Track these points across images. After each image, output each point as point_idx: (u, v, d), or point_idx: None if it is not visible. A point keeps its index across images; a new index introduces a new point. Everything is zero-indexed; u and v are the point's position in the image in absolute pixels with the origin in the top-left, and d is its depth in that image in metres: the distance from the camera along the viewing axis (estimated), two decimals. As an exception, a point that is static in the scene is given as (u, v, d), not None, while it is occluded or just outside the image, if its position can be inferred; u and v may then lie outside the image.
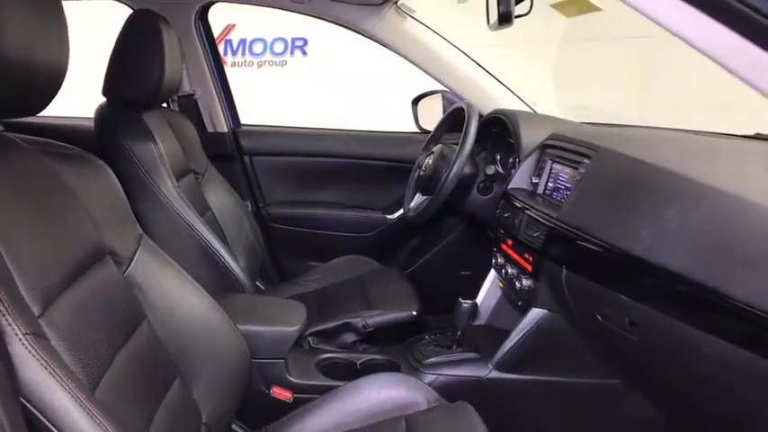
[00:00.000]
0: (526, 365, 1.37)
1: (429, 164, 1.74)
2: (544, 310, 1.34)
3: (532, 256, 1.36)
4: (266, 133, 2.28)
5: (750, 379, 0.85)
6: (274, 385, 1.36)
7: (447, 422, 1.17)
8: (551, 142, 1.49)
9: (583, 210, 1.24)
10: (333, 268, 2.09)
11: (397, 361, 1.47)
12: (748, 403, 0.91)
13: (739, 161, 1.13)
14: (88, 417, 0.66)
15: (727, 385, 0.92)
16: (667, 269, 0.93)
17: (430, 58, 1.97)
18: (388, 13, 1.89)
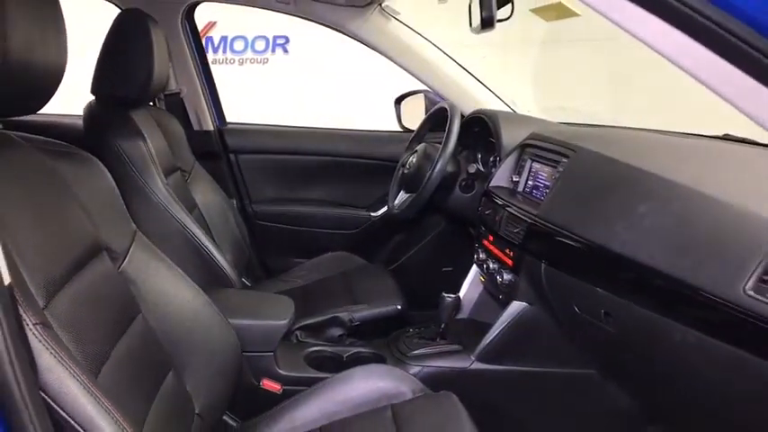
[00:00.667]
0: (507, 356, 1.43)
1: (413, 162, 1.78)
2: (524, 303, 1.40)
3: (513, 252, 1.41)
4: (252, 131, 2.30)
5: (718, 365, 0.91)
6: (264, 377, 1.39)
7: (431, 410, 1.22)
8: (531, 142, 1.54)
9: (561, 207, 1.30)
10: (318, 265, 2.12)
11: (383, 354, 1.51)
12: (717, 389, 0.97)
13: (707, 161, 1.20)
14: (96, 403, 0.69)
15: (697, 372, 0.98)
16: (640, 263, 0.99)
17: (413, 58, 2.02)
18: (372, 14, 1.93)
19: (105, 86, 1.54)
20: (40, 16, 0.84)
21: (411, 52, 2.01)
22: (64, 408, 0.67)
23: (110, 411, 0.70)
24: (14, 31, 0.75)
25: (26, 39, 0.79)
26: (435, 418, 1.19)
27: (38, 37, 0.83)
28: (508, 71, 2.46)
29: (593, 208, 1.17)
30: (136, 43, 1.51)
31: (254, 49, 5.50)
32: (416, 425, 1.17)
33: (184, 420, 1.10)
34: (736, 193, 0.95)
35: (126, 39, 1.51)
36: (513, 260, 1.41)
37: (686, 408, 1.15)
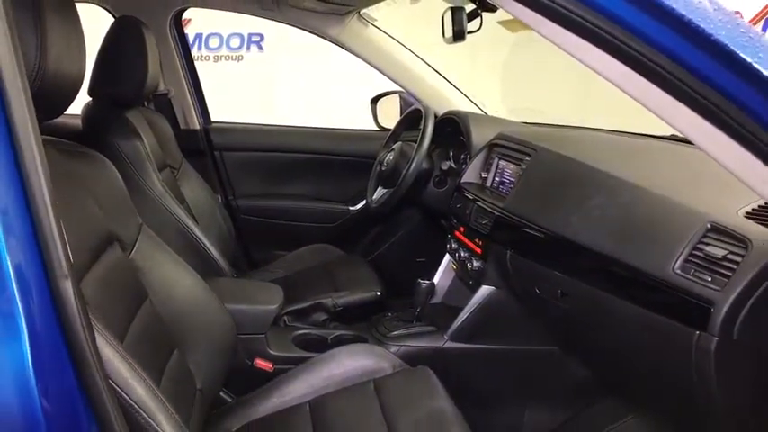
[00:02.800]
0: (477, 336, 1.57)
1: (390, 160, 1.92)
2: (492, 287, 1.55)
3: (481, 241, 1.56)
4: (235, 130, 2.41)
5: (653, 335, 1.07)
6: (256, 357, 1.52)
7: (410, 383, 1.36)
8: (498, 141, 1.69)
9: (524, 200, 1.45)
10: (299, 256, 2.24)
11: (364, 335, 1.65)
12: (653, 357, 1.13)
13: (651, 159, 1.37)
14: (146, 384, 0.79)
15: (636, 342, 1.15)
16: (591, 248, 1.15)
17: (389, 62, 2.15)
18: (351, 21, 2.06)
19: (102, 88, 1.63)
20: (67, 31, 0.94)
21: (387, 56, 2.15)
22: (123, 388, 0.77)
23: (157, 395, 0.80)
24: (51, 45, 0.86)
25: (58, 52, 0.90)
26: (413, 389, 1.34)
27: (66, 50, 0.94)
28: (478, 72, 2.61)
29: (552, 201, 1.33)
30: (131, 49, 1.61)
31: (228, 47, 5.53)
32: (396, 396, 1.31)
33: (188, 394, 1.22)
34: (670, 187, 1.11)
35: (122, 44, 1.61)
36: (481, 249, 1.56)
37: (630, 376, 1.32)
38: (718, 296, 0.90)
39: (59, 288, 0.59)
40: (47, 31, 0.85)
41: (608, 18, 0.70)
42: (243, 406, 1.37)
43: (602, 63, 0.75)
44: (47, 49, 0.84)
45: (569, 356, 1.55)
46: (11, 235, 0.56)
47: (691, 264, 0.97)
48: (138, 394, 0.78)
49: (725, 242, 0.94)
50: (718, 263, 0.92)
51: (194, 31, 5.27)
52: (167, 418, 0.81)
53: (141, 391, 0.79)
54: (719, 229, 0.95)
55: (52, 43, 0.88)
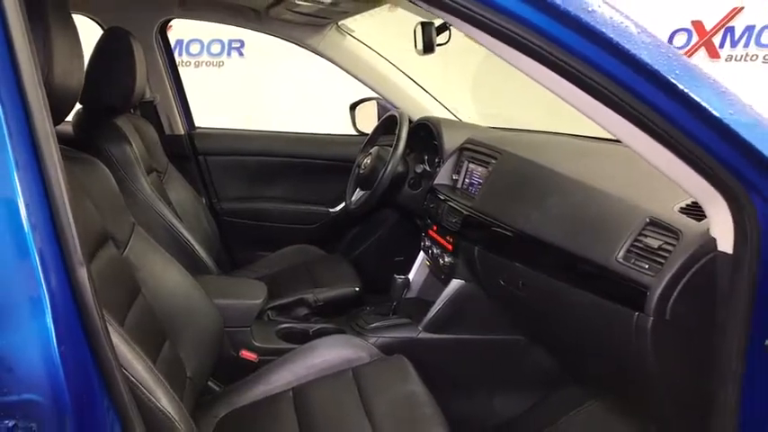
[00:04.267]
0: (448, 326, 1.69)
1: (367, 163, 2.03)
2: (462, 281, 1.66)
3: (452, 238, 1.68)
4: (219, 135, 2.50)
5: (602, 318, 1.19)
6: (242, 349, 1.61)
7: (386, 371, 1.46)
8: (468, 145, 1.81)
9: (490, 200, 1.57)
10: (281, 257, 2.34)
11: (344, 328, 1.75)
12: (603, 339, 1.25)
13: (603, 160, 1.50)
14: (151, 370, 0.89)
15: (588, 326, 1.27)
16: (547, 242, 1.27)
17: (366, 70, 2.26)
18: (330, 31, 2.16)
19: (92, 96, 1.71)
20: (70, 45, 1.04)
21: (364, 64, 2.25)
22: (126, 367, 0.84)
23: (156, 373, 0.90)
24: (56, 60, 0.96)
25: (63, 65, 0.99)
26: (388, 376, 1.44)
27: (69, 63, 1.03)
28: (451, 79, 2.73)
29: (514, 200, 1.45)
30: (120, 58, 1.69)
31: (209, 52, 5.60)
32: (373, 382, 1.41)
33: (179, 382, 1.31)
34: (617, 186, 1.24)
35: (112, 54, 1.69)
36: (452, 245, 1.67)
37: (584, 359, 1.44)
38: (652, 281, 1.02)
39: (76, 274, 0.68)
40: (53, 47, 0.94)
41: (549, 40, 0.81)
42: (230, 394, 1.46)
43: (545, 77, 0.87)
44: (53, 63, 0.94)
45: (534, 345, 1.67)
46: (35, 228, 0.66)
47: (631, 253, 1.09)
48: (139, 372, 0.87)
49: (660, 234, 1.06)
50: (654, 252, 1.05)
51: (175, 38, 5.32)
52: (165, 394, 0.91)
53: (142, 369, 0.89)
54: (656, 223, 1.08)
55: (58, 57, 0.97)
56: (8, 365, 0.63)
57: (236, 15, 2.09)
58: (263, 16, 2.01)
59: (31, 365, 0.63)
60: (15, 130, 0.66)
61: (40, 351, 0.64)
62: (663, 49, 0.83)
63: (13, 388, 0.62)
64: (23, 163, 0.66)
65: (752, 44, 3.14)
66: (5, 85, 0.66)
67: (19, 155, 0.66)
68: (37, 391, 0.63)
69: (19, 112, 0.67)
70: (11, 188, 0.65)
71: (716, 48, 3.25)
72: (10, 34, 0.67)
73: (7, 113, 0.66)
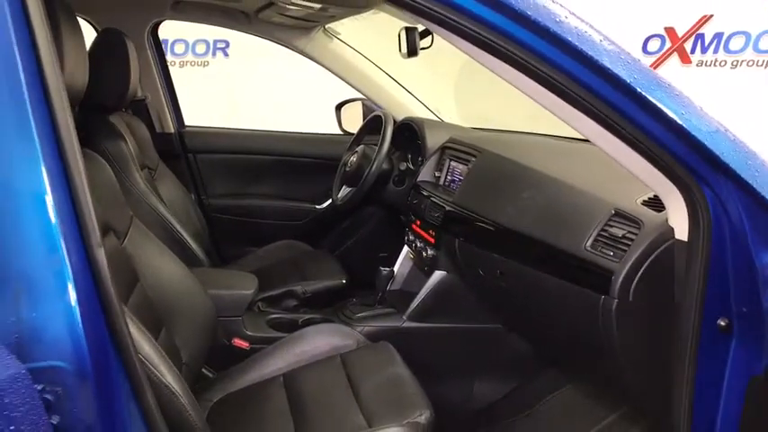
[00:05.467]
0: (431, 316, 1.78)
1: (354, 161, 2.11)
2: (443, 272, 1.75)
3: (434, 232, 1.76)
4: (208, 133, 2.56)
5: (571, 302, 1.28)
6: (235, 337, 1.68)
7: (373, 356, 1.55)
8: (449, 144, 1.90)
9: (469, 195, 1.66)
10: (268, 252, 2.41)
11: (332, 319, 1.83)
12: (573, 322, 1.35)
13: (574, 158, 1.60)
14: (156, 348, 0.96)
15: (560, 310, 1.36)
16: (522, 232, 1.37)
17: (352, 72, 2.34)
18: (317, 34, 2.24)
19: (88, 94, 1.77)
20: (76, 48, 1.11)
21: (350, 66, 2.34)
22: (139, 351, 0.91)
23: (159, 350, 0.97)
24: (66, 62, 1.03)
25: (71, 67, 1.06)
26: (376, 361, 1.52)
27: (75, 65, 1.10)
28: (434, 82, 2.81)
29: (492, 195, 1.55)
30: (115, 58, 1.76)
31: (194, 53, 5.62)
32: (360, 367, 1.49)
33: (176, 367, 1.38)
34: (586, 181, 1.34)
35: (106, 54, 1.75)
36: (434, 238, 1.76)
37: (557, 343, 1.54)
38: (617, 266, 1.12)
39: (94, 254, 0.75)
40: (63, 48, 1.01)
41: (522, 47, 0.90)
42: (223, 380, 1.53)
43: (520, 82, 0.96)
44: (63, 63, 1.00)
45: (512, 333, 1.76)
46: (59, 213, 0.73)
47: (598, 242, 1.19)
48: (145, 349, 0.94)
49: (624, 224, 1.16)
50: (618, 240, 1.15)
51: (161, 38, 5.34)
52: (168, 370, 0.98)
53: (147, 346, 0.96)
54: (620, 214, 1.17)
55: (67, 58, 1.04)
56: (38, 336, 0.69)
57: (226, 17, 2.15)
58: (253, 19, 2.08)
59: (57, 335, 0.70)
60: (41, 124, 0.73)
61: (65, 323, 0.71)
62: (623, 56, 0.92)
63: (41, 355, 0.69)
64: (49, 155, 0.73)
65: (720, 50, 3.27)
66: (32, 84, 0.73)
67: (45, 147, 0.73)
68: (62, 359, 0.70)
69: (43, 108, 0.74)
70: (38, 177, 0.72)
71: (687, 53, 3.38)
72: (34, 36, 0.74)
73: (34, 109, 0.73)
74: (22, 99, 0.73)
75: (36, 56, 0.74)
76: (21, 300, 0.70)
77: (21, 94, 0.73)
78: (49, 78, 0.75)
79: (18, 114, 0.73)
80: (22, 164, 0.72)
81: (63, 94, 0.76)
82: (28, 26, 0.74)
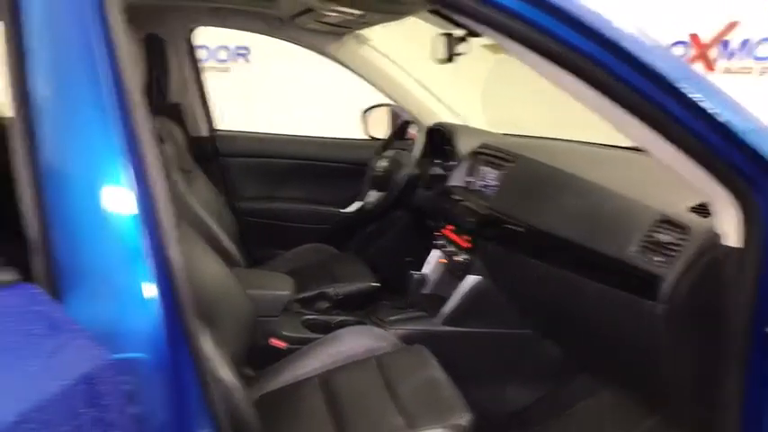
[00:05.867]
0: (464, 320, 1.79)
1: (383, 166, 2.13)
2: (477, 277, 1.76)
3: (468, 236, 1.78)
4: (238, 138, 2.60)
5: (615, 308, 1.29)
6: (271, 337, 1.70)
7: (407, 358, 1.56)
8: (482, 150, 1.92)
9: (506, 200, 1.67)
10: (296, 254, 2.43)
11: (364, 321, 1.84)
12: (617, 328, 1.35)
13: (616, 166, 1.61)
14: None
15: (600, 316, 1.37)
16: (564, 238, 1.38)
17: (382, 78, 2.36)
18: (348, 40, 2.27)
19: None
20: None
21: (380, 72, 2.35)
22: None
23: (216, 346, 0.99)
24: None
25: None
26: (411, 363, 1.53)
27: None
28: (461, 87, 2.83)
29: (531, 200, 1.56)
30: (156, 64, 1.79)
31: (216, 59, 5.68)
32: (396, 369, 1.50)
33: None
34: (631, 188, 1.34)
35: (149, 60, 1.79)
36: (468, 243, 1.77)
37: (597, 350, 1.54)
38: (665, 272, 1.12)
39: (172, 251, 0.78)
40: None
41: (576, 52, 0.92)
42: (259, 379, 1.55)
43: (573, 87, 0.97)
44: None
45: (544, 338, 1.77)
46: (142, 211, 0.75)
47: (644, 248, 1.20)
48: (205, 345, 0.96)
49: (671, 230, 1.17)
50: (665, 246, 1.15)
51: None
52: (224, 366, 1.00)
53: (206, 343, 0.98)
54: (667, 220, 1.18)
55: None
56: (119, 328, 0.72)
57: (261, 23, 2.18)
58: (287, 24, 2.11)
59: (137, 328, 0.73)
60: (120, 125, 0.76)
61: (144, 316, 0.73)
62: (674, 61, 0.94)
63: (122, 347, 0.71)
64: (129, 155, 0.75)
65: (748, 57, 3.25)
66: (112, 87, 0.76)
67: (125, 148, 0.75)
68: (142, 350, 0.72)
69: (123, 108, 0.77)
70: (119, 176, 0.74)
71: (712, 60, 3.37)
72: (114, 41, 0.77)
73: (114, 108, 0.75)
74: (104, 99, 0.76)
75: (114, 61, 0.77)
76: (104, 292, 0.72)
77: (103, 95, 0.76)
78: (128, 81, 0.78)
79: (101, 114, 0.75)
80: (104, 163, 0.75)
81: (139, 93, 0.79)
82: (106, 30, 0.77)
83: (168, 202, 0.79)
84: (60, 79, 0.76)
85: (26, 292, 0.65)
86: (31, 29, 0.75)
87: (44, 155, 0.73)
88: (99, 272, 0.73)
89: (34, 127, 0.74)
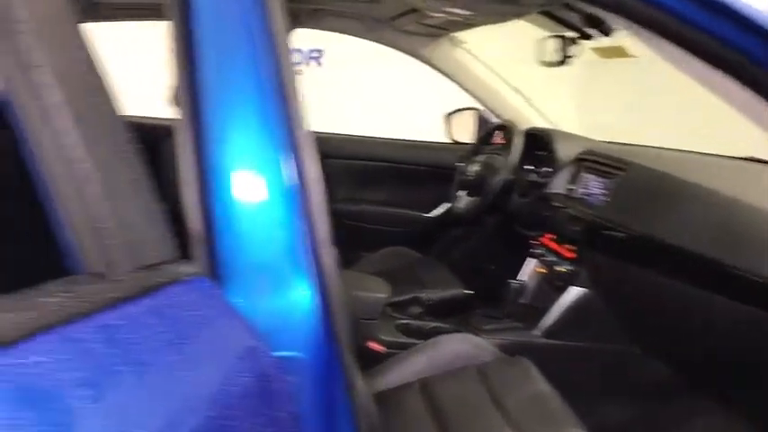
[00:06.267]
0: (565, 333, 1.72)
1: (476, 170, 2.09)
2: (582, 289, 1.70)
3: (573, 246, 1.71)
4: (325, 138, 2.61)
5: (748, 328, 1.21)
6: (369, 340, 1.69)
7: (511, 370, 1.51)
8: (586, 156, 1.85)
9: (619, 209, 1.60)
10: (380, 257, 2.41)
11: (459, 329, 1.80)
12: (751, 350, 1.26)
13: (737, 175, 1.52)
14: None
15: (733, 336, 1.28)
16: (690, 250, 1.30)
17: (474, 81, 2.32)
18: (443, 42, 2.24)
19: None
20: None
21: (473, 75, 2.32)
22: None
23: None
24: None
25: None
26: (515, 375, 1.48)
27: None
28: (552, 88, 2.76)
29: (648, 210, 1.48)
30: None
31: (289, 62, 5.73)
32: (500, 381, 1.45)
33: None
34: (760, 198, 1.26)
35: None
36: (572, 252, 1.71)
37: (722, 371, 1.45)
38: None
39: (326, 251, 0.77)
40: None
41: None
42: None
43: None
44: None
45: (650, 355, 1.68)
46: (301, 213, 0.75)
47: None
48: None
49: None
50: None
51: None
52: (355, 369, 0.99)
53: None
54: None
55: None
56: (280, 326, 0.71)
57: (357, 25, 2.18)
58: (384, 26, 2.10)
59: (297, 326, 0.72)
60: (285, 125, 0.75)
61: (303, 315, 0.72)
62: None
63: (283, 345, 0.70)
64: (294, 155, 0.75)
65: None
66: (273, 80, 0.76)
67: (287, 147, 0.75)
68: (301, 349, 0.71)
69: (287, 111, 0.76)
70: (282, 177, 0.74)
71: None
72: (275, 39, 0.77)
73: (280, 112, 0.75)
74: (267, 92, 0.75)
75: (277, 57, 0.77)
76: (264, 287, 0.72)
77: (266, 89, 0.75)
78: (287, 73, 0.77)
79: (264, 108, 0.75)
80: (267, 158, 0.75)
81: (295, 86, 0.78)
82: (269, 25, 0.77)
83: (323, 197, 0.78)
84: (227, 75, 0.76)
85: (202, 286, 0.65)
86: (200, 25, 0.75)
87: (210, 149, 0.73)
88: (259, 266, 0.73)
89: (201, 122, 0.74)
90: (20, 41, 0.48)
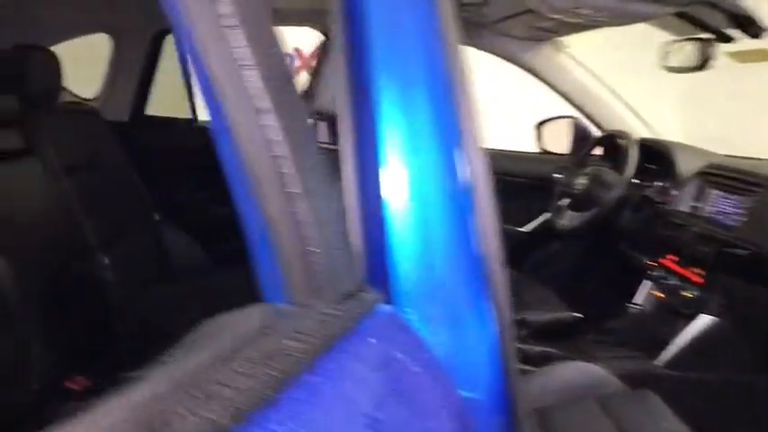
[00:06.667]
0: (692, 364, 1.57)
1: (583, 184, 1.95)
2: (712, 317, 1.54)
3: (702, 269, 1.56)
4: None
5: None
6: None
7: (635, 404, 1.37)
8: (713, 171, 1.69)
9: (756, 229, 1.44)
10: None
11: (569, 355, 1.68)
12: None
13: None
14: None
15: None
16: None
17: (576, 88, 2.19)
18: (545, 47, 2.13)
19: None
20: None
21: (575, 82, 2.19)
22: None
23: None
24: None
25: None
26: (641, 410, 1.35)
27: None
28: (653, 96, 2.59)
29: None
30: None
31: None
32: (625, 414, 1.32)
33: None
34: None
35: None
36: (701, 277, 1.55)
37: None
38: None
39: (498, 276, 0.68)
40: None
41: None
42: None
43: None
44: None
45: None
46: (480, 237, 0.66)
47: None
48: None
49: None
50: None
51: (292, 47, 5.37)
52: None
53: None
54: None
55: None
56: (460, 365, 0.62)
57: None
58: (488, 31, 2.00)
59: (477, 365, 0.63)
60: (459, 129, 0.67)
61: (485, 353, 0.63)
62: None
63: (466, 385, 0.61)
64: (470, 162, 0.66)
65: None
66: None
67: (464, 152, 0.66)
68: (479, 390, 0.62)
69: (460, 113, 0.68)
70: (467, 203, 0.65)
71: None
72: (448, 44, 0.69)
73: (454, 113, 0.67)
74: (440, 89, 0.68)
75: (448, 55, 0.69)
76: (445, 319, 0.63)
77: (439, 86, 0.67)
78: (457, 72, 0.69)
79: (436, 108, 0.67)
80: (442, 166, 0.66)
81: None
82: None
83: (494, 211, 0.69)
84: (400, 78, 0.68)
85: (395, 317, 0.57)
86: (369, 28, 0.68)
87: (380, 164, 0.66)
88: (436, 290, 0.64)
89: (365, 127, 0.66)
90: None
